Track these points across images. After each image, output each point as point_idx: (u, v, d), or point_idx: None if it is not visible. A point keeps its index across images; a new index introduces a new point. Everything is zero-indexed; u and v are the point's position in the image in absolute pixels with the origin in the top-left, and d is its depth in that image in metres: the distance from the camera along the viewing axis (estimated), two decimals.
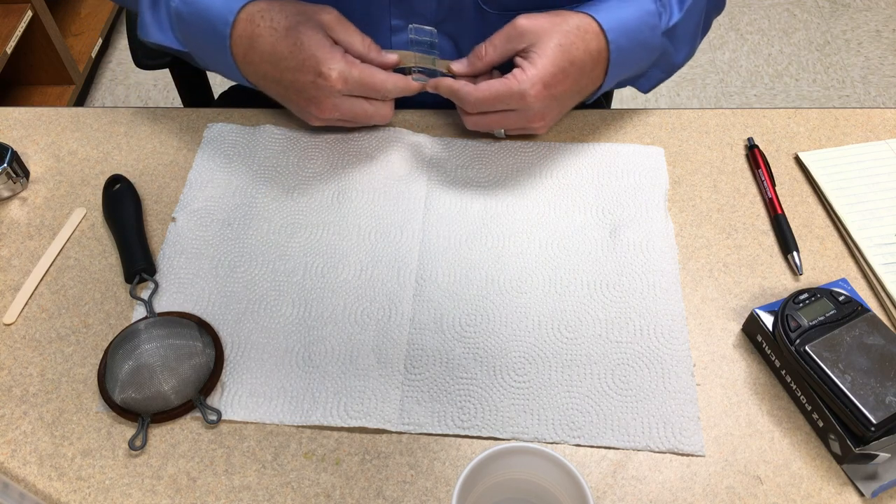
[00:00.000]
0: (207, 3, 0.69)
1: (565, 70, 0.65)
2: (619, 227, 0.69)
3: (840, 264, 0.67)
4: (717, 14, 0.80)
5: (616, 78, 0.70)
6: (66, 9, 2.11)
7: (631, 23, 0.68)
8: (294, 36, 0.66)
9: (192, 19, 0.70)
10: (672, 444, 0.57)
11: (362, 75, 0.67)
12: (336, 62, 0.66)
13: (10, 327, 0.65)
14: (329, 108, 0.69)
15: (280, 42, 0.67)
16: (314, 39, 0.66)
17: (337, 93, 0.67)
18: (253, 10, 0.68)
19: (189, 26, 0.71)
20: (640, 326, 0.63)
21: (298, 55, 0.66)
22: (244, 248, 0.69)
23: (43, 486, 0.56)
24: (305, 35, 0.66)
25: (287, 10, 0.67)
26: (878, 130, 0.78)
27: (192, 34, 0.71)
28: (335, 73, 0.65)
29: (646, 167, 0.74)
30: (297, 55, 0.66)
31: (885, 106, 2.05)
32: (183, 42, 0.73)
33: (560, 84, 0.66)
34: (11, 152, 0.73)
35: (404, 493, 0.55)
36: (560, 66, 0.65)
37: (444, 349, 0.62)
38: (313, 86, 0.67)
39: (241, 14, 0.68)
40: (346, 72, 0.66)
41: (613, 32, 0.67)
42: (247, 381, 0.60)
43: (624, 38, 0.67)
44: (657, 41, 0.69)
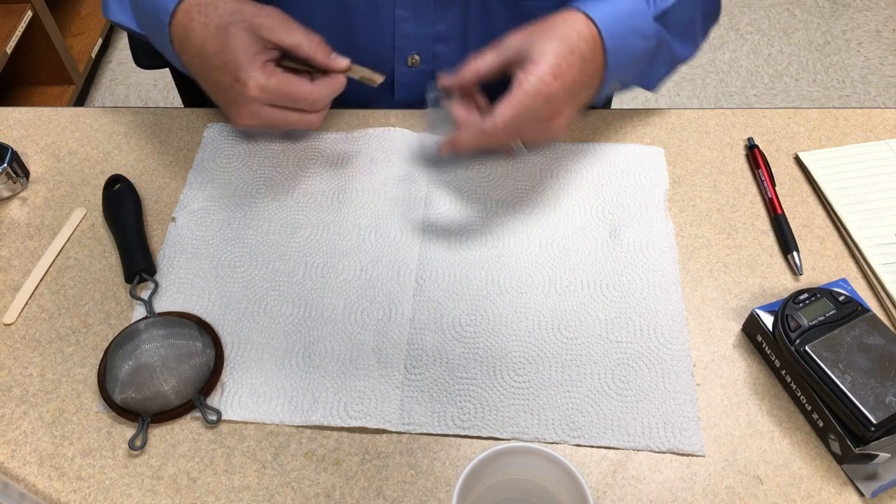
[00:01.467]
0: None
1: (567, 59, 0.64)
2: (619, 227, 0.69)
3: (840, 264, 0.67)
4: (713, 21, 0.79)
5: (618, 69, 0.68)
6: (66, 9, 2.12)
7: (619, 10, 0.67)
8: (222, 35, 0.65)
9: (143, 2, 0.70)
10: (672, 445, 0.57)
11: (281, 86, 0.64)
12: (254, 70, 0.63)
13: (10, 327, 0.65)
14: (246, 116, 0.66)
15: (209, 40, 0.65)
16: (240, 42, 0.64)
17: (254, 101, 0.65)
18: (192, 2, 0.67)
19: (141, 9, 0.71)
20: (640, 326, 0.63)
21: (223, 55, 0.65)
22: (244, 247, 0.69)
23: (43, 486, 0.56)
24: (233, 36, 0.64)
25: (224, 8, 0.66)
26: (878, 130, 0.78)
27: (143, 18, 0.71)
28: (252, 81, 0.63)
29: (646, 167, 0.74)
30: (221, 55, 0.65)
31: (885, 106, 2.05)
32: (139, 24, 0.73)
33: (567, 73, 0.64)
34: (11, 152, 0.73)
35: (404, 493, 0.55)
36: (561, 55, 0.64)
37: (444, 349, 0.62)
38: (232, 90, 0.65)
39: (181, 5, 0.67)
40: (263, 81, 0.63)
41: (603, 21, 0.66)
42: (247, 381, 0.60)
43: (614, 23, 0.66)
44: (650, 27, 0.68)
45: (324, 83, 0.67)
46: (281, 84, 0.64)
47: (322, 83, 0.67)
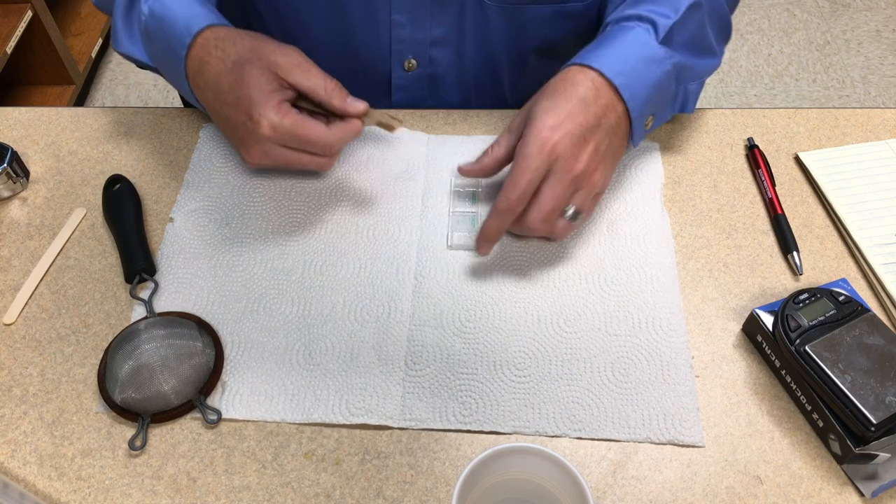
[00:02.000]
0: (172, 20, 0.67)
1: (564, 108, 0.62)
2: (616, 221, 0.70)
3: (840, 264, 0.67)
4: (725, 38, 0.76)
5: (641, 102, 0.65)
6: (66, 9, 2.12)
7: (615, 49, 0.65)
8: (238, 72, 0.63)
9: (156, 34, 0.68)
10: (672, 436, 0.57)
11: (294, 127, 0.62)
12: (268, 109, 0.61)
13: (10, 327, 0.65)
14: (257, 155, 0.64)
15: (224, 75, 0.64)
16: (255, 80, 0.62)
17: (266, 140, 0.63)
18: (210, 36, 0.65)
19: (154, 41, 0.69)
20: (639, 319, 0.63)
21: (237, 91, 0.63)
22: (243, 247, 0.69)
23: (43, 486, 0.56)
24: (249, 73, 0.62)
25: (242, 45, 0.64)
26: (878, 130, 0.78)
27: (156, 50, 0.70)
28: (265, 120, 0.61)
29: (641, 161, 0.74)
30: (235, 91, 0.63)
31: (885, 106, 2.05)
32: (150, 56, 0.71)
33: (569, 120, 0.61)
34: (11, 152, 0.73)
35: (404, 493, 0.55)
36: (557, 105, 0.62)
37: (444, 345, 0.62)
38: (244, 128, 0.64)
39: (198, 38, 0.65)
40: (276, 121, 0.61)
41: (601, 63, 0.64)
42: (247, 380, 0.60)
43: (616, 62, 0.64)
44: (658, 52, 0.66)
45: (338, 128, 0.64)
46: (294, 125, 0.62)
47: (336, 128, 0.64)
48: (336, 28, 0.79)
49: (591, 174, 0.63)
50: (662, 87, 0.67)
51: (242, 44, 0.64)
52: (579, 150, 0.62)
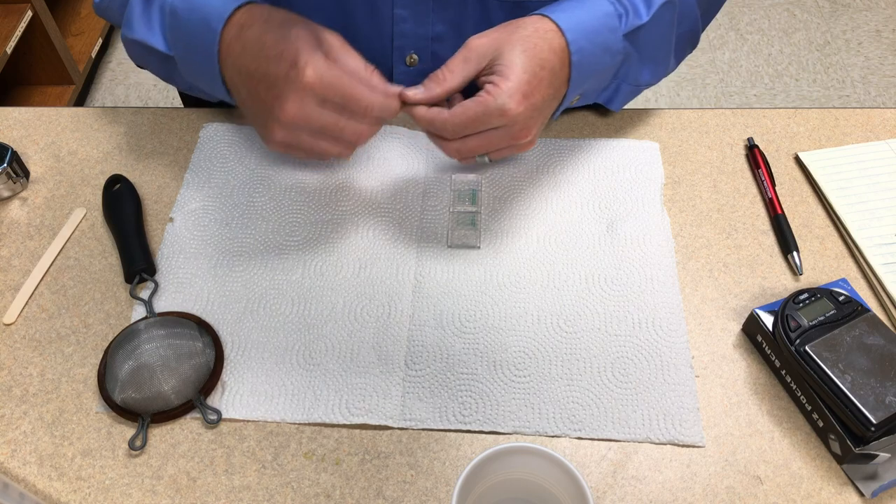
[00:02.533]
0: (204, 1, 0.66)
1: (538, 75, 0.62)
2: (616, 221, 0.70)
3: (840, 264, 0.67)
4: (689, 48, 0.76)
5: (579, 84, 0.67)
6: (66, 9, 2.12)
7: (589, 23, 0.65)
8: (286, 29, 0.61)
9: (187, 14, 0.67)
10: (672, 436, 0.57)
11: (340, 78, 0.59)
12: (317, 59, 0.58)
13: (10, 327, 0.65)
14: (294, 107, 0.59)
15: (268, 33, 0.62)
16: (304, 36, 0.61)
17: (307, 91, 0.59)
18: (254, 7, 0.65)
19: (180, 21, 0.68)
20: (639, 319, 0.63)
21: (280, 45, 0.61)
22: (242, 247, 0.69)
23: (43, 486, 0.56)
24: (297, 30, 0.61)
25: (290, 13, 0.64)
26: (878, 130, 0.78)
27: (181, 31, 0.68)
28: (310, 67, 0.58)
29: (641, 162, 0.74)
30: (279, 45, 0.61)
31: (885, 106, 2.05)
32: (169, 40, 0.70)
33: (537, 91, 0.62)
34: (11, 152, 0.73)
35: (404, 493, 0.55)
36: (532, 72, 0.62)
37: (444, 345, 0.62)
38: (285, 79, 0.60)
39: (239, 10, 0.65)
40: (322, 69, 0.58)
41: (572, 32, 0.64)
42: (247, 380, 0.60)
43: (583, 38, 0.64)
44: (618, 44, 0.67)
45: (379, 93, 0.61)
46: (340, 77, 0.59)
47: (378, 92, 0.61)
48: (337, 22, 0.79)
49: (528, 141, 0.64)
50: (604, 75, 0.69)
51: (290, 13, 0.64)
52: (534, 123, 0.63)
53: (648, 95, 2.08)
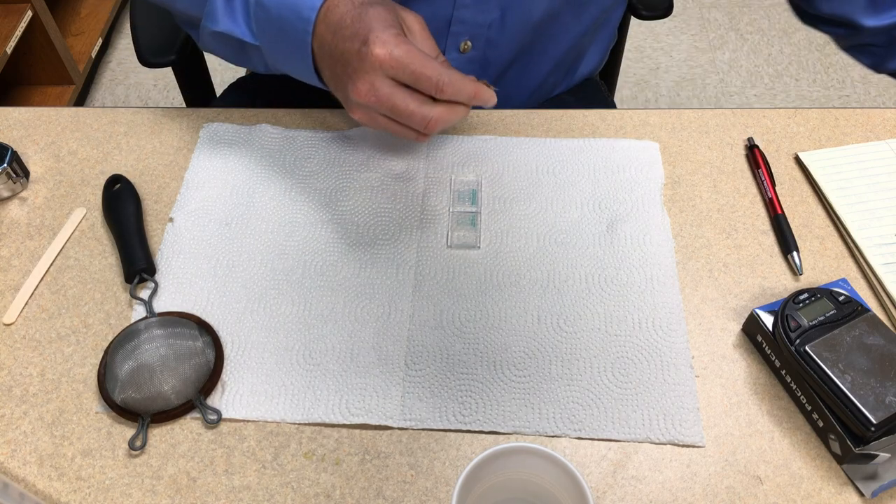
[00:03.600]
0: None
1: None
2: (616, 221, 0.70)
3: (840, 264, 0.67)
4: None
5: None
6: (66, 9, 2.11)
7: None
8: (364, 9, 0.61)
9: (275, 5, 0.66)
10: (672, 436, 0.57)
11: (410, 55, 0.58)
12: (387, 36, 0.58)
13: (10, 327, 0.65)
14: (366, 87, 0.59)
15: (349, 13, 0.62)
16: (380, 15, 0.60)
17: (377, 69, 0.59)
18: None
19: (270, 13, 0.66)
20: (639, 320, 0.63)
21: (357, 24, 0.61)
22: (243, 247, 0.69)
23: (43, 486, 0.56)
24: (374, 10, 0.61)
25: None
26: (878, 130, 0.78)
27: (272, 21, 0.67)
28: (379, 43, 0.58)
29: (641, 161, 0.75)
30: (355, 24, 0.61)
31: (885, 106, 2.05)
32: (256, 31, 0.69)
33: None
34: (11, 152, 0.73)
35: (404, 493, 0.55)
36: None
37: (444, 345, 0.62)
38: (357, 56, 0.60)
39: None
40: (391, 46, 0.58)
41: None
42: (247, 380, 0.60)
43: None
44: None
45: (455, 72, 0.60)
46: (410, 53, 0.58)
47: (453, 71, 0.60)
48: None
49: None
50: None
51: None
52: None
53: (648, 95, 2.08)
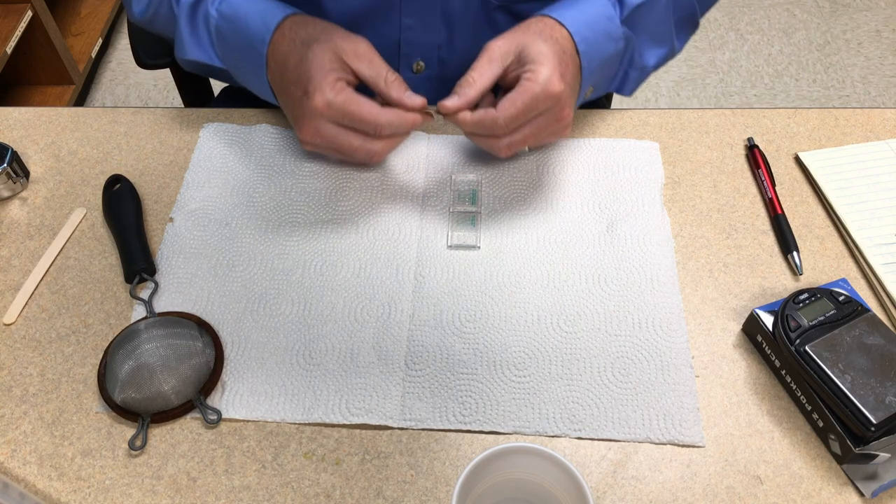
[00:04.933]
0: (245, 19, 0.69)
1: (563, 59, 0.64)
2: (616, 221, 0.70)
3: (840, 264, 0.67)
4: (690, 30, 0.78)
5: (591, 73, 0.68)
6: (66, 9, 2.11)
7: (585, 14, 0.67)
8: (304, 50, 0.65)
9: (230, 34, 0.70)
10: (672, 436, 0.57)
11: (347, 104, 0.63)
12: (324, 85, 0.62)
13: (10, 327, 0.65)
14: (310, 132, 0.65)
15: (292, 53, 0.66)
16: (318, 58, 0.64)
17: (319, 117, 0.64)
18: (286, 23, 0.67)
19: (227, 41, 0.71)
20: (639, 320, 0.63)
21: (299, 69, 0.65)
22: (242, 247, 0.69)
23: (43, 486, 0.56)
24: (313, 52, 0.64)
25: (314, 27, 0.66)
26: (878, 130, 0.78)
27: (230, 49, 0.72)
28: (318, 94, 0.62)
29: (641, 161, 0.75)
30: (298, 69, 0.65)
31: (885, 106, 2.05)
32: (221, 58, 0.73)
33: (567, 72, 0.64)
34: (11, 152, 0.73)
35: (404, 493, 0.55)
36: (559, 56, 0.64)
37: (444, 345, 0.62)
38: (300, 103, 0.65)
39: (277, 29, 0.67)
40: (329, 97, 0.62)
41: (573, 25, 0.66)
42: (247, 380, 0.60)
43: (584, 28, 0.67)
44: (618, 30, 0.69)
45: (393, 111, 0.64)
46: (347, 101, 0.63)
47: (391, 111, 0.64)
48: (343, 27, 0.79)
49: (568, 123, 0.66)
50: (611, 63, 0.71)
51: (315, 26, 0.66)
52: (571, 100, 0.66)
53: (648, 95, 2.08)
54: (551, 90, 0.62)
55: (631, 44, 0.71)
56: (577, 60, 0.67)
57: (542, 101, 0.63)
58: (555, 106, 0.64)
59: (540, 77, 0.62)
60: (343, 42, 0.65)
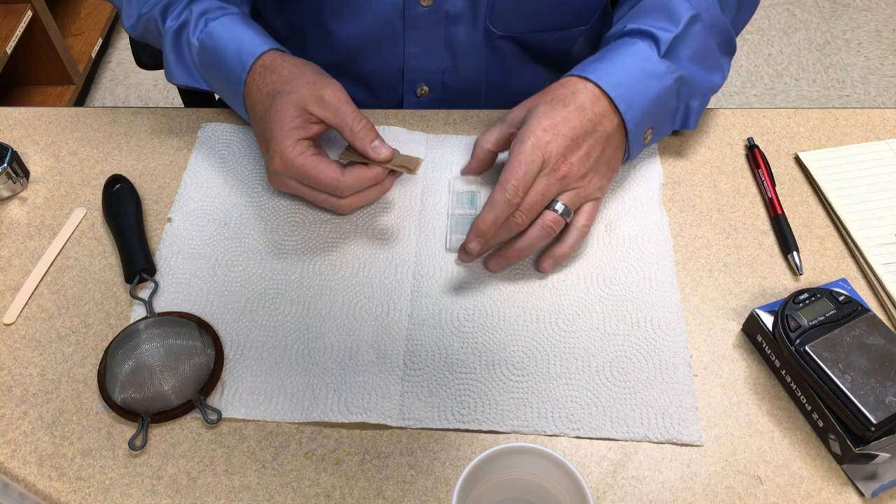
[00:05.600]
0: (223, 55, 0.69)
1: (561, 112, 0.63)
2: (614, 220, 0.70)
3: (840, 264, 0.67)
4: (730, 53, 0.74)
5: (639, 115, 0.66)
6: (66, 9, 2.12)
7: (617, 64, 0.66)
8: (268, 103, 0.66)
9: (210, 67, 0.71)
10: (671, 435, 0.57)
11: (305, 168, 0.64)
12: (284, 146, 0.63)
13: (10, 327, 0.65)
14: (276, 182, 0.68)
15: (259, 104, 0.67)
16: (280, 114, 0.64)
17: (279, 174, 0.65)
18: (257, 66, 0.68)
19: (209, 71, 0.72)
20: (637, 319, 0.63)
21: (264, 122, 0.66)
22: (241, 247, 0.69)
23: (43, 486, 0.56)
24: (276, 106, 0.65)
25: (280, 76, 0.66)
26: (878, 130, 0.78)
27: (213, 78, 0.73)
28: (277, 157, 0.64)
29: (639, 160, 0.75)
30: (263, 122, 0.66)
31: (885, 106, 2.05)
32: (208, 83, 0.74)
33: (562, 124, 0.62)
34: (11, 152, 0.73)
35: (404, 493, 0.55)
36: (555, 109, 0.63)
37: (442, 345, 0.62)
38: (266, 155, 0.67)
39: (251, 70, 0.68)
40: (288, 159, 0.63)
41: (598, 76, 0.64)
42: (247, 380, 0.60)
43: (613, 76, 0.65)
44: (659, 66, 0.66)
45: (353, 173, 0.64)
46: (304, 166, 0.63)
47: (351, 173, 0.64)
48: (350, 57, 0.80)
49: (581, 177, 0.64)
50: (663, 101, 0.68)
51: (280, 74, 0.66)
52: (570, 151, 0.63)
53: None
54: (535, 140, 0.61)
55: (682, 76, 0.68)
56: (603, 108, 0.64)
57: (529, 152, 0.61)
58: (549, 159, 0.61)
59: (524, 135, 0.62)
60: (307, 91, 0.64)
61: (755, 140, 0.77)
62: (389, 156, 0.64)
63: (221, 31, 0.69)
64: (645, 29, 0.67)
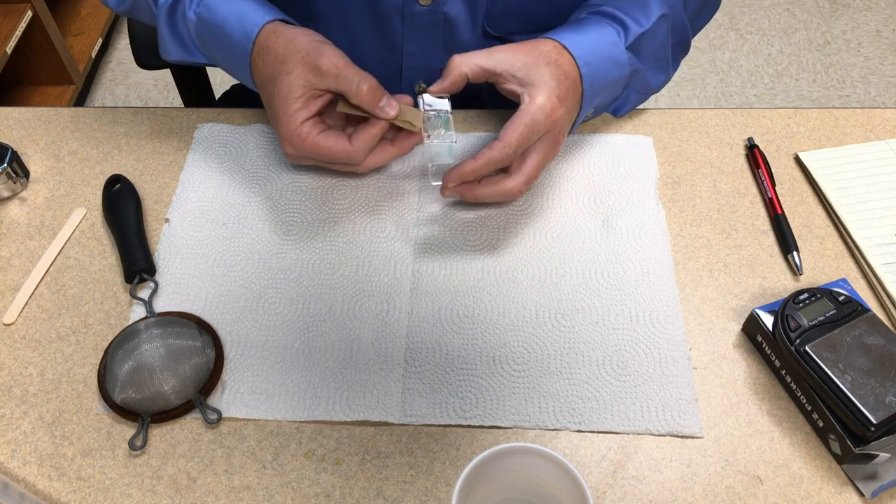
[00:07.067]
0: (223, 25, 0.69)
1: (565, 83, 0.65)
2: (612, 215, 0.70)
3: (840, 264, 0.67)
4: (683, 53, 0.79)
5: (593, 96, 0.69)
6: (66, 9, 2.11)
7: (589, 39, 0.68)
8: (270, 87, 0.66)
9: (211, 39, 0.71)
10: (671, 427, 0.57)
11: (314, 149, 0.65)
12: (291, 131, 0.65)
13: (10, 327, 0.65)
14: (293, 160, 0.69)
15: (264, 86, 0.68)
16: (282, 98, 0.65)
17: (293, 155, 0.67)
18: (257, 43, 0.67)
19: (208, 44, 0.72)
20: (636, 313, 0.63)
21: (269, 108, 0.67)
22: (240, 247, 0.69)
23: (43, 486, 0.56)
24: (278, 89, 0.65)
25: (276, 54, 0.66)
26: (878, 130, 0.78)
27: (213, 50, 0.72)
28: (286, 141, 0.66)
29: (635, 156, 0.75)
30: (269, 106, 0.67)
31: (885, 106, 2.05)
32: (207, 56, 0.74)
33: (566, 97, 0.65)
34: (11, 152, 0.73)
35: (404, 493, 0.55)
36: (560, 80, 0.65)
37: (443, 341, 0.62)
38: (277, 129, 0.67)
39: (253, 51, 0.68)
40: (296, 143, 0.65)
41: (576, 49, 0.67)
42: (247, 379, 0.60)
43: (588, 52, 0.67)
44: (623, 56, 0.69)
45: (361, 137, 0.66)
46: (313, 147, 0.65)
47: (358, 138, 0.66)
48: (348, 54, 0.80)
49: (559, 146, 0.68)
50: (614, 88, 0.72)
51: (276, 54, 0.66)
52: (567, 125, 0.67)
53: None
54: (549, 114, 0.63)
55: (637, 69, 0.72)
56: (579, 85, 0.67)
57: (541, 124, 0.63)
58: (552, 130, 0.65)
59: (538, 101, 0.63)
60: (303, 66, 0.64)
61: (755, 140, 0.77)
62: (396, 114, 0.66)
63: (219, 3, 0.69)
64: (619, 16, 0.70)
